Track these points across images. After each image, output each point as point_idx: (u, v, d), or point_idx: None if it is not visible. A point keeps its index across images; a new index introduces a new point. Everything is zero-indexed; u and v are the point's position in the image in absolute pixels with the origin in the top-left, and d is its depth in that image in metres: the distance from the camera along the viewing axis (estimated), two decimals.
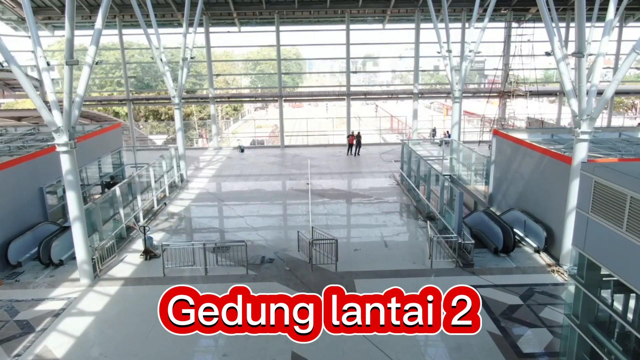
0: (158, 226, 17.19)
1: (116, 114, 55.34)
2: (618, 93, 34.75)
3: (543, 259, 13.72)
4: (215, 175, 24.79)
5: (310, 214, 17.30)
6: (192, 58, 22.84)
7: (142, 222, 17.19)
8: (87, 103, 33.28)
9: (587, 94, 12.02)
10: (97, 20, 12.19)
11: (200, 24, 30.43)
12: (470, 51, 22.44)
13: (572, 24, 30.44)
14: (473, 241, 13.24)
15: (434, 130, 34.14)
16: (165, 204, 19.58)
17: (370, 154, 29.30)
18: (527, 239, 14.71)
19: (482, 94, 32.37)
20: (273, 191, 21.56)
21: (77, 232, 12.38)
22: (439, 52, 23.06)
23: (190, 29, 22.64)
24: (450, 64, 22.30)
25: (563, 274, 12.68)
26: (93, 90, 54.27)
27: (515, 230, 14.53)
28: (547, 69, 43.31)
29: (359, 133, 28.91)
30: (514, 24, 31.00)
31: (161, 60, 21.80)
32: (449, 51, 22.06)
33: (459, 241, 13.28)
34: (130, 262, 14.07)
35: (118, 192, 15.28)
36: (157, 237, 16.09)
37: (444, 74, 30.76)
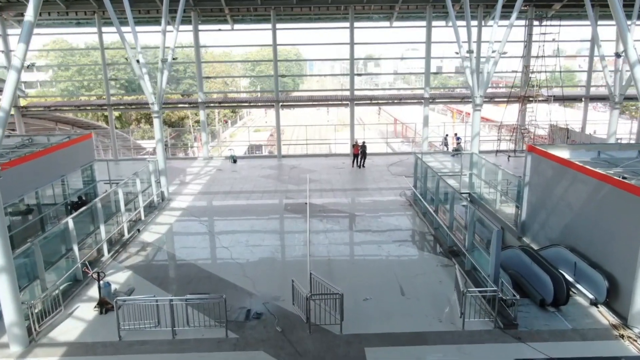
0: (126, 262, 14.27)
1: (106, 119, 52.45)
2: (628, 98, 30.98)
3: (604, 316, 10.77)
4: (202, 191, 21.86)
5: (308, 245, 14.36)
6: (174, 59, 19.95)
7: (106, 255, 14.31)
8: (63, 109, 30.41)
9: None
10: (27, 10, 9.28)
11: (189, 21, 27.61)
12: (493, 52, 19.56)
13: (601, 22, 27.47)
14: (518, 296, 10.29)
15: (446, 138, 31.18)
16: (139, 230, 16.67)
17: (376, 166, 26.38)
18: (578, 286, 11.78)
19: (500, 99, 29.40)
20: (266, 213, 18.64)
21: (3, 286, 9.47)
22: (457, 53, 20.16)
23: (171, 27, 19.78)
24: (471, 66, 19.38)
25: (636, 341, 9.76)
26: (83, 94, 51.48)
27: (561, 272, 11.61)
28: (577, 71, 40.18)
29: (363, 143, 26.02)
30: (535, 22, 28.05)
31: (138, 62, 18.95)
32: (470, 51, 19.14)
33: (499, 295, 10.35)
34: (80, 316, 11.16)
35: (71, 225, 12.37)
36: (122, 277, 13.21)
37: (446, 75, 28.14)
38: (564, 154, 14.40)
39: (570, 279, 12.02)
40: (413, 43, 29.71)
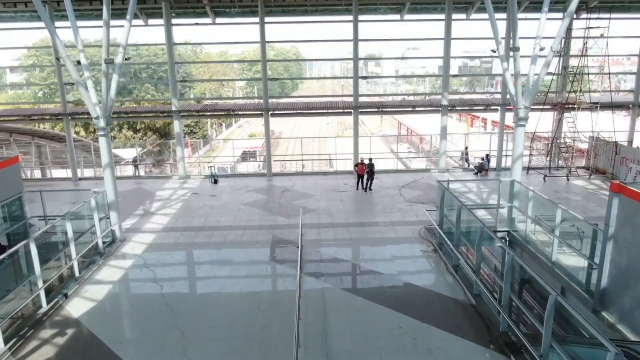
0: (30, 358, 9.69)
1: (84, 128, 48.08)
2: None
3: None
4: (168, 226, 17.30)
5: (296, 341, 9.75)
6: (126, 59, 15.38)
7: (1, 348, 9.75)
8: (10, 118, 25.86)
9: None
10: None
11: (160, 15, 23.10)
12: (541, 49, 15.00)
13: None
14: None
15: (466, 151, 26.63)
16: (66, 295, 12.09)
17: (385, 188, 21.83)
18: None
19: (534, 106, 24.77)
20: (244, 264, 14.08)
21: None
22: (494, 51, 15.64)
23: (122, 21, 15.29)
24: (514, 69, 14.83)
25: None
26: (51, 100, 46.92)
27: None
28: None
29: (370, 161, 21.46)
30: (574, 15, 23.45)
31: (78, 63, 14.45)
32: (515, 49, 14.58)
33: None
34: None
35: None
36: None
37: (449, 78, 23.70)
38: None
39: None
40: (429, 40, 25.05)
